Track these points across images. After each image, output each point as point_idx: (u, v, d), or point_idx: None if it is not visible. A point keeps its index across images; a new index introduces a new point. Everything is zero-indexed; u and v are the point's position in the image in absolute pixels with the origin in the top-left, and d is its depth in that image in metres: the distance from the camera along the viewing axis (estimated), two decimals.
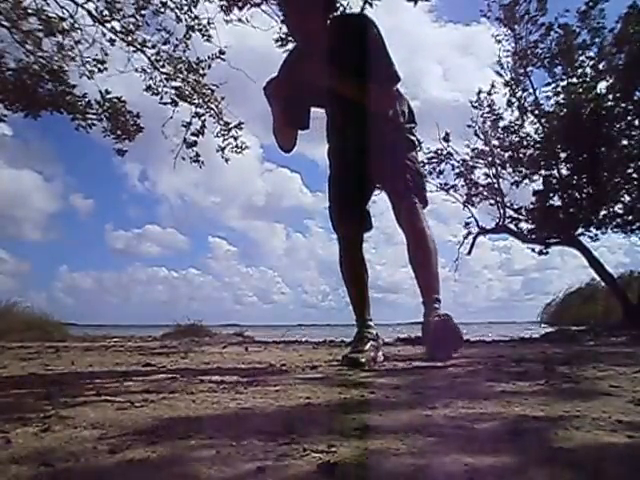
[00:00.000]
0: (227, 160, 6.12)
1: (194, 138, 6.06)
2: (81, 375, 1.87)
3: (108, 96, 5.64)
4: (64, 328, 7.19)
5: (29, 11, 5.11)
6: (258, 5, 5.33)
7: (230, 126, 6.05)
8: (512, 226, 7.38)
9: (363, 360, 1.90)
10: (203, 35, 5.66)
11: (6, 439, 0.85)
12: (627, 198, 6.62)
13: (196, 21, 5.62)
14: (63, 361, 2.48)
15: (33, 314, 7.13)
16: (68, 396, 1.27)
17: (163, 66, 5.83)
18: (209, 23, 5.60)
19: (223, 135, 6.08)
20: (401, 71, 2.11)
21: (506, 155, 7.27)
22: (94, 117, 5.62)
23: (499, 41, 7.05)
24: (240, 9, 5.30)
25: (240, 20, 5.42)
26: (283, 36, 5.47)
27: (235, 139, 6.10)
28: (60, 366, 2.21)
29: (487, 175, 7.54)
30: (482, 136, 7.46)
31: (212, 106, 5.97)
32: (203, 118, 6.02)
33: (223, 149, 6.11)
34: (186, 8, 5.58)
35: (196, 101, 5.94)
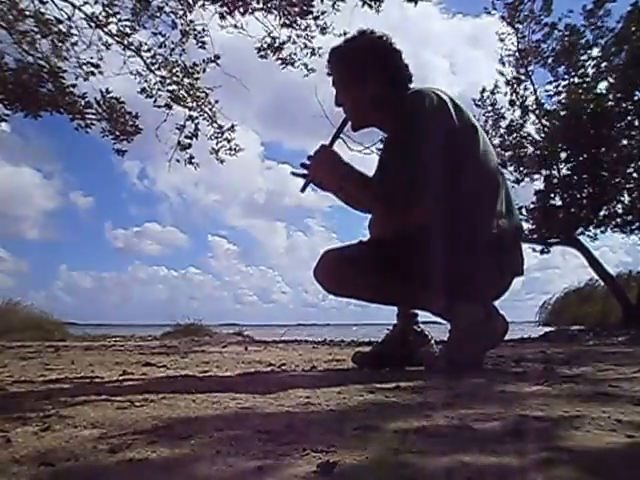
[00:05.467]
0: (222, 162, 6.18)
1: (188, 141, 6.09)
2: (81, 374, 1.87)
3: (108, 96, 5.65)
4: (64, 327, 7.20)
5: (26, 13, 5.12)
6: (260, 10, 5.35)
7: (224, 129, 6.09)
8: None
9: None
10: (197, 41, 5.69)
11: (6, 438, 0.85)
12: (627, 198, 6.63)
13: (191, 25, 5.64)
14: (63, 360, 2.48)
15: (33, 313, 7.13)
16: (68, 395, 1.28)
17: (159, 69, 5.84)
18: (204, 30, 5.63)
19: (217, 138, 6.11)
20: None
21: (507, 154, 7.27)
22: (93, 117, 5.62)
23: (502, 40, 7.07)
24: (242, 14, 5.32)
25: (236, 27, 5.46)
26: (265, 46, 5.58)
27: (229, 141, 6.14)
28: (60, 365, 2.21)
29: None
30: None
31: (206, 109, 5.99)
32: (197, 121, 6.05)
33: (217, 151, 6.15)
34: (181, 13, 5.60)
35: (190, 104, 5.96)
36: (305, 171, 1.80)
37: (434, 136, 1.66)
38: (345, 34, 5.16)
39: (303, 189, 1.84)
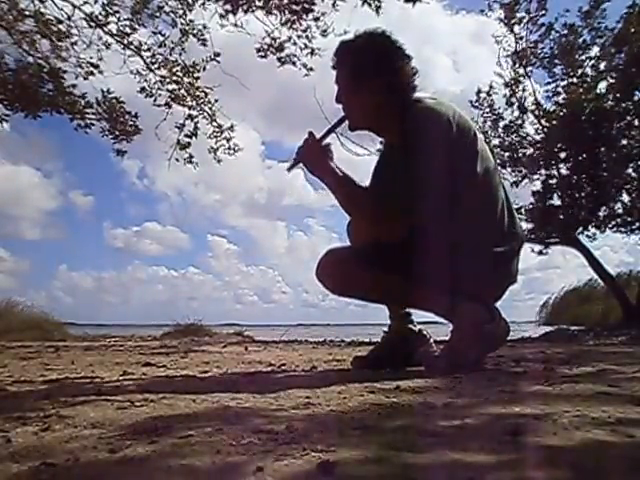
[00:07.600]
0: (219, 161, 6.19)
1: (187, 140, 6.09)
2: (81, 374, 1.87)
3: (108, 96, 5.65)
4: (64, 327, 7.21)
5: (26, 13, 5.12)
6: (262, 8, 5.36)
7: (223, 128, 6.09)
8: None
9: None
10: (198, 39, 5.69)
11: (6, 438, 0.85)
12: (627, 198, 6.63)
13: (191, 25, 5.65)
14: (63, 360, 2.48)
15: (33, 313, 7.15)
16: (68, 395, 1.28)
17: (158, 68, 5.84)
18: (204, 28, 5.64)
19: (216, 137, 6.11)
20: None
21: (506, 155, 7.27)
22: (93, 117, 5.62)
23: (499, 41, 7.07)
24: (245, 12, 5.33)
25: (236, 25, 5.48)
26: (265, 46, 5.61)
27: (228, 140, 6.14)
28: (60, 365, 2.21)
29: None
30: (482, 136, 7.46)
31: (205, 108, 5.99)
32: (196, 120, 6.05)
33: (216, 150, 6.16)
34: (181, 12, 5.61)
35: (189, 103, 5.97)
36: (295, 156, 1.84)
37: (436, 158, 1.65)
38: (345, 33, 5.20)
39: (290, 168, 1.89)
